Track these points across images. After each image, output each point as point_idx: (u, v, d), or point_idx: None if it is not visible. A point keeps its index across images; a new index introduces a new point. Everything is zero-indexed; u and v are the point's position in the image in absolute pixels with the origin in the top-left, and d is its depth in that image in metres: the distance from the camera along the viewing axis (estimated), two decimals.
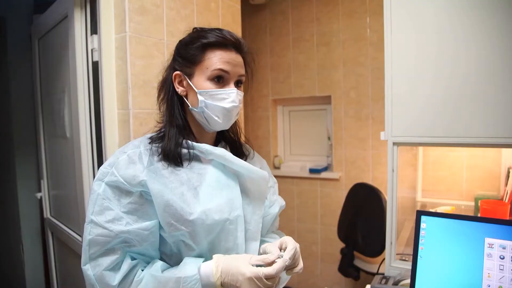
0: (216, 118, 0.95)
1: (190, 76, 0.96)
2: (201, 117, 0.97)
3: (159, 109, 1.04)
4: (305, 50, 3.28)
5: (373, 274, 2.42)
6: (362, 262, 2.74)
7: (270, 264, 0.85)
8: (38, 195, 2.37)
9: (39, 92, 2.27)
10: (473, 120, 1.35)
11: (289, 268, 0.92)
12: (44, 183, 2.32)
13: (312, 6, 3.21)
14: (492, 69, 1.31)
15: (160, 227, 0.91)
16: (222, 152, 0.97)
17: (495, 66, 1.31)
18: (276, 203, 1.15)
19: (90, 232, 0.86)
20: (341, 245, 2.85)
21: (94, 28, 1.65)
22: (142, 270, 0.89)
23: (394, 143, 1.49)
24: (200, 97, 0.94)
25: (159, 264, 0.89)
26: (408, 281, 1.33)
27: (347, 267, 2.75)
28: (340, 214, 2.91)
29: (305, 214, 3.37)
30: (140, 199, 0.89)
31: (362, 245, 2.63)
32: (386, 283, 1.38)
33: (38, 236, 2.53)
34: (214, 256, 0.89)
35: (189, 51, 0.96)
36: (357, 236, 2.68)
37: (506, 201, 1.72)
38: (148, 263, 0.92)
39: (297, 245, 0.96)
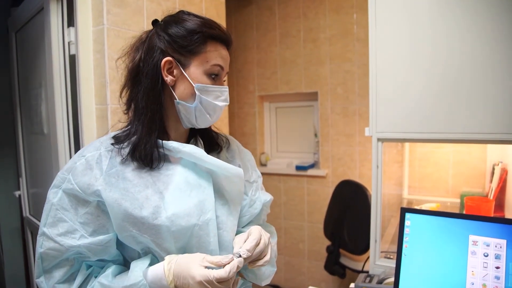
0: (208, 116, 0.90)
1: (185, 66, 0.87)
2: (188, 113, 0.89)
3: (129, 99, 0.91)
4: (292, 46, 3.25)
5: (359, 272, 2.41)
6: (348, 260, 2.73)
7: (224, 265, 0.78)
8: (17, 193, 2.31)
9: (17, 87, 2.20)
10: (458, 116, 1.34)
11: (252, 260, 0.85)
12: (22, 181, 2.26)
13: (299, 1, 3.18)
14: (476, 65, 1.30)
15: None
16: (191, 150, 0.88)
17: (479, 61, 1.29)
18: (257, 202, 1.04)
19: (42, 245, 0.82)
20: (328, 242, 2.84)
21: (70, 21, 1.60)
22: (96, 277, 0.84)
23: (378, 139, 1.47)
24: (197, 92, 0.87)
25: (110, 270, 0.84)
26: (392, 279, 1.32)
27: (333, 265, 2.74)
28: (326, 211, 2.90)
29: (292, 212, 3.35)
30: (97, 210, 0.83)
31: (348, 242, 2.61)
32: (370, 281, 1.36)
33: (18, 235, 2.47)
34: (167, 257, 0.83)
35: (189, 39, 0.86)
36: (343, 233, 2.66)
37: (491, 198, 1.71)
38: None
39: (266, 235, 0.89)
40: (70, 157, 1.65)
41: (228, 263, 0.77)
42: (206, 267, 0.77)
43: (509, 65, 1.25)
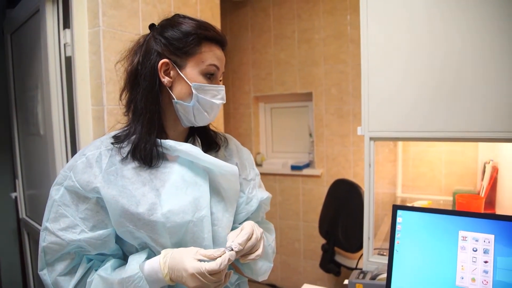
0: (206, 114, 0.93)
1: (181, 67, 0.90)
2: (186, 112, 0.92)
3: (129, 101, 0.94)
4: (287, 47, 3.27)
5: (353, 269, 2.43)
6: (342, 258, 2.75)
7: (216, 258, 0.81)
8: (13, 195, 2.31)
9: (12, 89, 2.21)
10: (449, 114, 1.36)
11: (244, 254, 0.88)
12: (19, 183, 2.26)
13: (293, 3, 3.20)
14: (467, 63, 1.32)
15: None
16: (187, 148, 0.91)
17: (471, 61, 1.31)
18: (254, 199, 1.05)
19: (44, 239, 0.85)
20: (323, 241, 2.86)
21: (66, 22, 1.61)
22: (96, 270, 0.87)
23: (370, 138, 1.49)
24: (194, 91, 0.90)
25: (109, 263, 0.87)
26: (385, 275, 1.34)
27: (328, 263, 2.76)
28: (321, 210, 2.92)
29: (287, 211, 3.37)
30: (96, 206, 0.87)
31: (343, 240, 2.63)
32: (363, 278, 1.38)
33: (14, 237, 2.47)
34: (163, 251, 0.86)
35: (185, 41, 0.89)
36: (338, 232, 2.68)
37: (483, 195, 1.74)
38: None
39: (258, 230, 0.92)
40: (67, 158, 1.67)
41: (220, 256, 0.80)
42: (199, 260, 0.80)
43: (502, 63, 1.27)
